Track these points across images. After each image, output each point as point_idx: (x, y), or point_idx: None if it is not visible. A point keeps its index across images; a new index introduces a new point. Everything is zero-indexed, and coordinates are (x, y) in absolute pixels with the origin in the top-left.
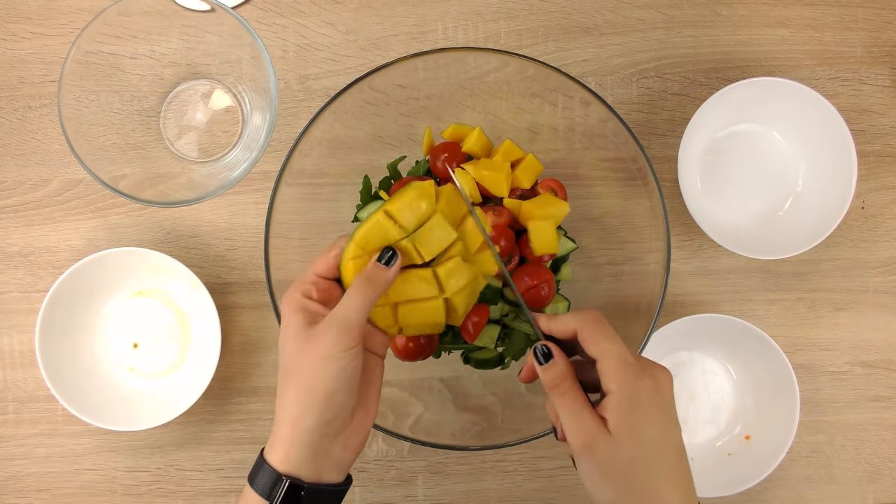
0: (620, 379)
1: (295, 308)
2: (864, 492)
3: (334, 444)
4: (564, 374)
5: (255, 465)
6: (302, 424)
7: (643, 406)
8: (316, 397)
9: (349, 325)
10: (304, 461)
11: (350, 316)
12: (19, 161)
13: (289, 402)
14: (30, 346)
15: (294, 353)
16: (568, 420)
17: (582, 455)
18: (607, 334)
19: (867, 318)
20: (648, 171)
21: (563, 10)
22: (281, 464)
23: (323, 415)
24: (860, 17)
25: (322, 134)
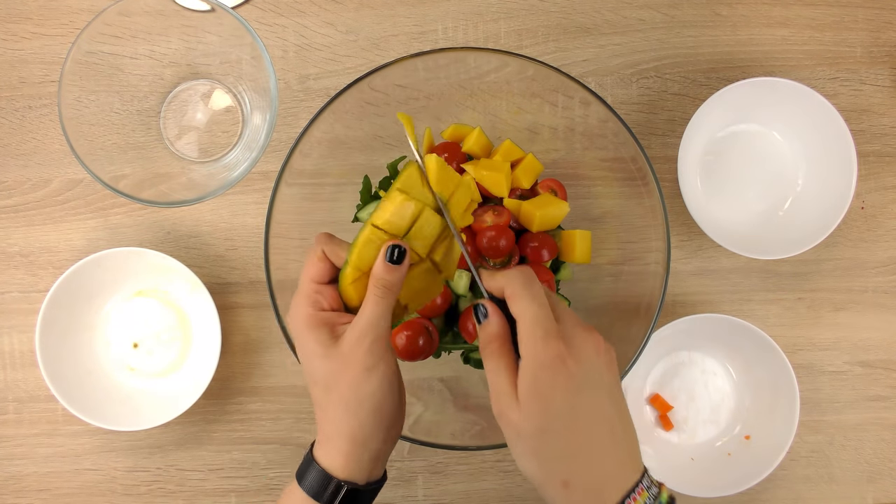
0: (529, 339)
1: (311, 324)
2: (863, 492)
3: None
4: (496, 334)
5: (305, 464)
6: (360, 439)
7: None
8: (368, 413)
9: (380, 333)
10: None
11: (376, 323)
12: (19, 161)
13: (339, 419)
14: (30, 346)
15: (329, 372)
16: (490, 382)
17: (499, 421)
18: (531, 295)
19: (867, 318)
20: (648, 171)
21: (563, 10)
22: (342, 470)
23: (379, 426)
24: (860, 17)
25: (322, 134)
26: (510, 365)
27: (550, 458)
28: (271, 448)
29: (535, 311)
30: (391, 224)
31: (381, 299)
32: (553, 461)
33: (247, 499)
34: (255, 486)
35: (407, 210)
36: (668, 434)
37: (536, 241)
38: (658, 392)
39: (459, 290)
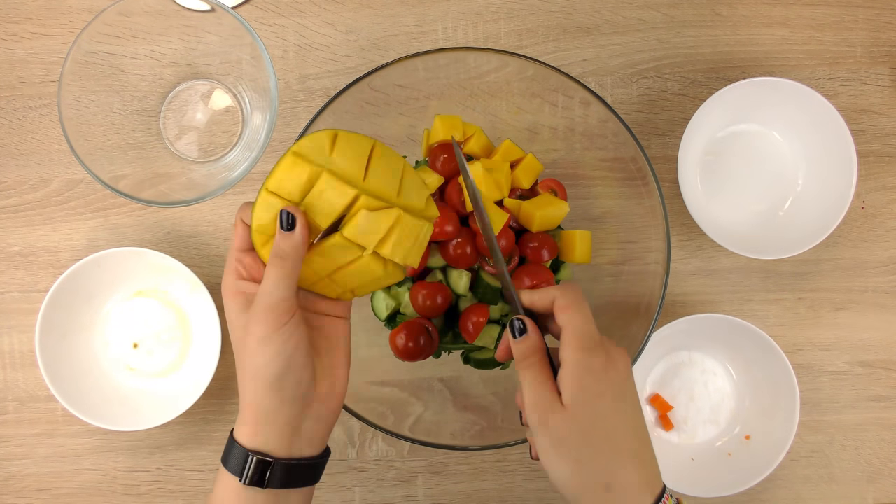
0: (576, 347)
1: (230, 292)
2: (863, 492)
3: (303, 418)
4: (535, 348)
5: (227, 445)
6: (261, 407)
7: (596, 378)
8: (264, 381)
9: (273, 302)
10: (272, 437)
11: (272, 292)
12: (19, 161)
13: (245, 388)
14: (30, 346)
15: (238, 338)
16: (528, 393)
17: (537, 429)
18: (579, 306)
19: (867, 318)
20: (648, 171)
21: (563, 10)
22: (249, 441)
23: (277, 396)
24: (860, 17)
25: None
26: (550, 376)
27: (593, 462)
28: None
29: (584, 321)
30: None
31: (274, 267)
32: (596, 465)
33: None
34: None
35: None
36: (668, 434)
37: (536, 241)
38: (658, 392)
39: (459, 290)
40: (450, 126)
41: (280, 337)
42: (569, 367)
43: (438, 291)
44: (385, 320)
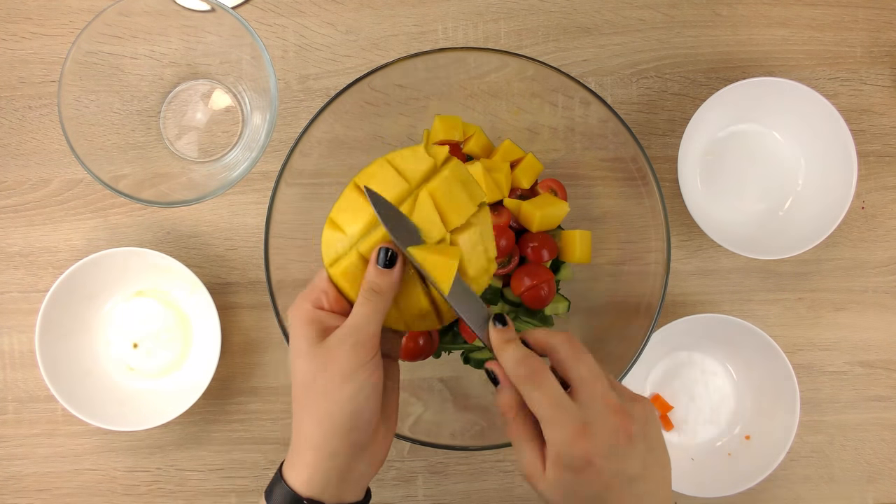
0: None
1: (304, 321)
2: (864, 492)
3: (359, 464)
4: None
5: (273, 481)
6: (326, 450)
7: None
8: (338, 421)
9: (362, 338)
10: (328, 483)
11: (362, 326)
12: (19, 161)
13: (308, 427)
14: (30, 346)
15: (307, 372)
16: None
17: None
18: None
19: (867, 318)
20: (648, 171)
21: (563, 10)
22: (303, 486)
23: (348, 438)
24: (860, 17)
25: (322, 134)
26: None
27: None
28: (271, 448)
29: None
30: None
31: (368, 301)
32: None
33: (247, 499)
34: (255, 486)
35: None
36: (669, 434)
37: (536, 241)
38: (658, 392)
39: None
40: (450, 126)
41: (363, 373)
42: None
43: None
44: None
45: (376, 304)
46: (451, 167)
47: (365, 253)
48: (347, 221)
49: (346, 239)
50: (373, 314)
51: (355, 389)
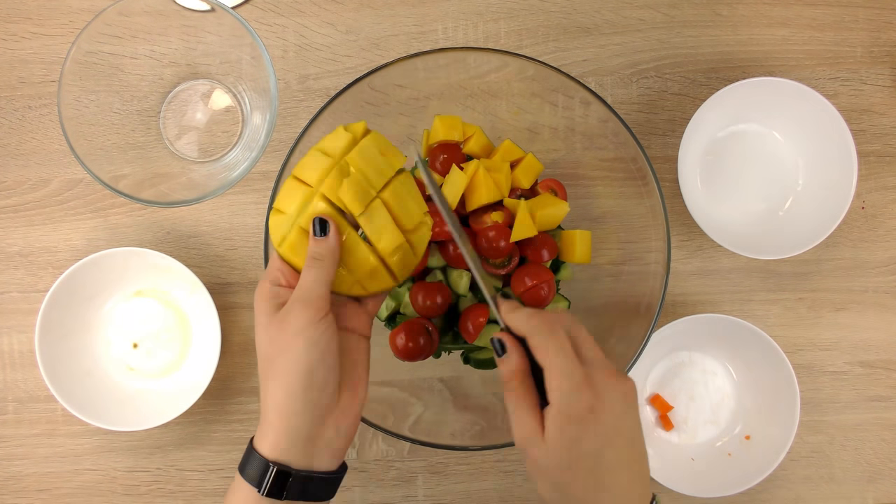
0: (557, 393)
1: (263, 298)
2: (864, 492)
3: (324, 429)
4: (514, 371)
5: (245, 453)
6: (288, 410)
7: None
8: (295, 378)
9: (310, 297)
10: (294, 447)
11: (309, 287)
12: (19, 161)
13: (272, 391)
14: (30, 346)
15: (267, 340)
16: (512, 417)
17: (521, 452)
18: (557, 346)
19: (867, 318)
20: (648, 171)
21: (563, 10)
22: (270, 451)
23: (305, 395)
24: (860, 17)
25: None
26: (533, 404)
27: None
28: None
29: (562, 362)
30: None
31: (310, 267)
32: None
33: None
34: None
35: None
36: (669, 434)
37: (536, 241)
38: (658, 392)
39: (460, 290)
40: (450, 126)
41: (316, 330)
42: (552, 409)
43: (438, 291)
44: (385, 320)
45: (318, 269)
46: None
47: (304, 225)
48: (286, 204)
49: (287, 218)
50: (316, 277)
51: (307, 345)
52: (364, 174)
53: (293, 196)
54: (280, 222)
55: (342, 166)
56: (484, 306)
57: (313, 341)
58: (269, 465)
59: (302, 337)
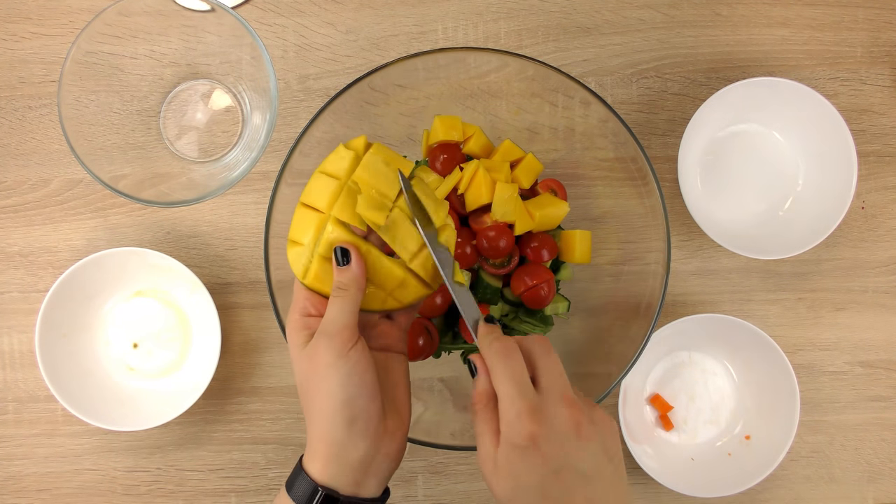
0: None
1: (294, 329)
2: (864, 492)
3: (374, 456)
4: (479, 394)
5: (293, 472)
6: (335, 441)
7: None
8: (333, 411)
9: (336, 329)
10: (342, 475)
11: (335, 320)
12: (19, 161)
13: (315, 421)
14: (30, 346)
15: (301, 372)
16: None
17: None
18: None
19: (867, 318)
20: (648, 171)
21: (563, 10)
22: (319, 474)
23: (350, 428)
24: (860, 17)
25: (322, 134)
26: (495, 428)
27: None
28: (271, 448)
29: (507, 389)
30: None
31: (336, 298)
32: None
33: (247, 499)
34: (255, 486)
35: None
36: (668, 434)
37: (536, 241)
38: (658, 392)
39: None
40: (449, 126)
41: (347, 363)
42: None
43: (438, 292)
44: None
45: (344, 300)
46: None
47: (324, 253)
48: (301, 235)
49: (305, 249)
50: (342, 308)
51: (341, 379)
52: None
53: (306, 225)
54: (299, 254)
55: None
56: (483, 306)
57: (346, 375)
58: (317, 489)
59: (334, 371)
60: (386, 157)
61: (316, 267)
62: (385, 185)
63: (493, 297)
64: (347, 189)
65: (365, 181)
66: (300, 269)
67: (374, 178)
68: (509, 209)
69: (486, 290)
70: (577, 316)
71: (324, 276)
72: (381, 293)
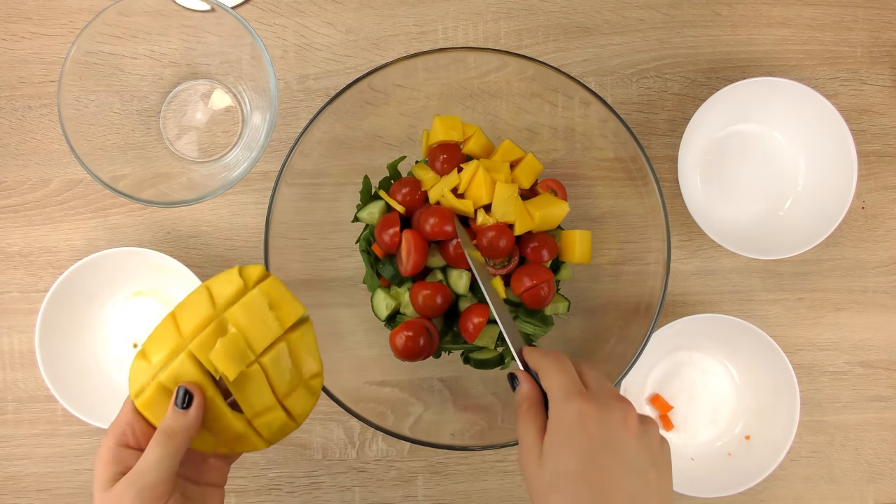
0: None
1: (103, 461)
2: (864, 492)
3: None
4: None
5: None
6: None
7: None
8: None
9: (148, 483)
10: None
11: (148, 471)
12: (19, 161)
13: None
14: (30, 346)
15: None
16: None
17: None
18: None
19: (867, 318)
20: (648, 171)
21: (563, 10)
22: None
23: None
24: (860, 17)
25: (322, 134)
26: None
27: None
28: (271, 448)
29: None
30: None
31: (158, 444)
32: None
33: (247, 499)
34: (255, 486)
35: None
36: (669, 434)
37: (536, 241)
38: (658, 392)
39: (459, 290)
40: (449, 126)
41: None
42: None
43: (438, 291)
44: (385, 320)
45: (167, 448)
46: (259, 288)
47: (165, 382)
48: (154, 350)
49: (149, 369)
50: (163, 458)
51: None
52: (245, 334)
53: (163, 342)
54: (141, 370)
55: (221, 321)
56: (484, 306)
57: None
58: None
59: None
60: (274, 299)
61: (152, 393)
62: (257, 333)
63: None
64: (218, 323)
65: (237, 322)
66: (136, 387)
67: (248, 321)
68: (509, 209)
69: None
70: (577, 316)
71: (157, 406)
72: (213, 440)
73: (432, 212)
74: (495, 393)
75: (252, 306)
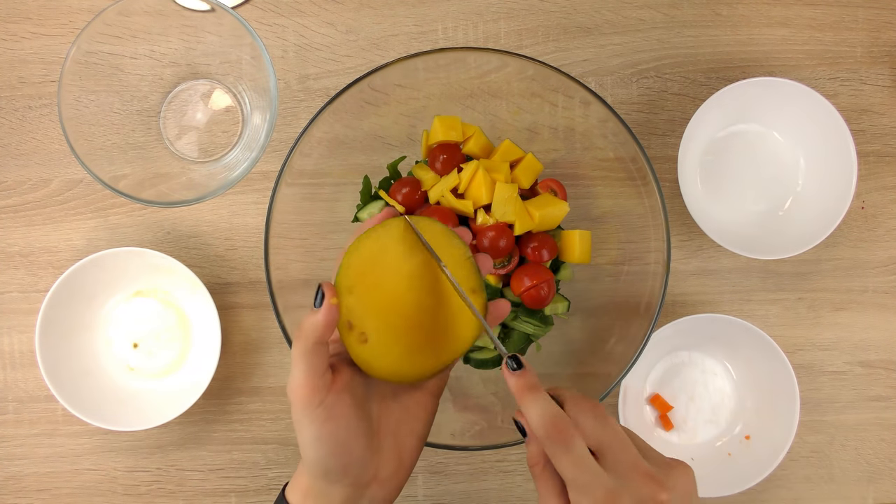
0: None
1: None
2: (864, 492)
3: (357, 498)
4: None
5: (278, 498)
6: (311, 480)
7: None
8: (308, 461)
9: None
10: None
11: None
12: (19, 161)
13: (302, 448)
14: (30, 346)
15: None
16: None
17: None
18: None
19: (867, 318)
20: (648, 171)
21: (563, 10)
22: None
23: (323, 476)
24: (860, 17)
25: (322, 134)
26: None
27: None
28: (271, 448)
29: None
30: None
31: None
32: None
33: (247, 499)
34: (255, 486)
35: None
36: (668, 434)
37: (536, 241)
38: (658, 392)
39: None
40: (449, 126)
41: (312, 423)
42: None
43: None
44: None
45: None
46: None
47: None
48: None
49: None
50: (299, 360)
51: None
52: None
53: None
54: None
55: None
56: None
57: (315, 435)
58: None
59: (302, 429)
60: None
61: None
62: None
63: (492, 298)
64: None
65: None
66: None
67: None
68: (509, 209)
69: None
70: (577, 316)
71: None
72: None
73: (432, 212)
74: (495, 393)
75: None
